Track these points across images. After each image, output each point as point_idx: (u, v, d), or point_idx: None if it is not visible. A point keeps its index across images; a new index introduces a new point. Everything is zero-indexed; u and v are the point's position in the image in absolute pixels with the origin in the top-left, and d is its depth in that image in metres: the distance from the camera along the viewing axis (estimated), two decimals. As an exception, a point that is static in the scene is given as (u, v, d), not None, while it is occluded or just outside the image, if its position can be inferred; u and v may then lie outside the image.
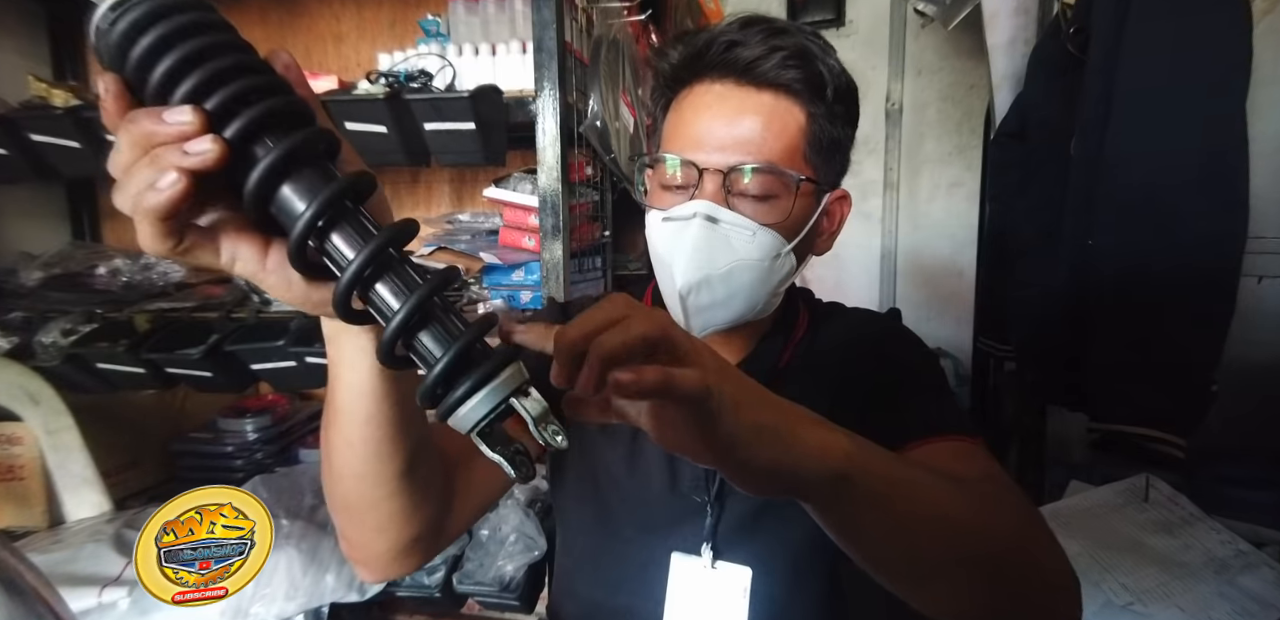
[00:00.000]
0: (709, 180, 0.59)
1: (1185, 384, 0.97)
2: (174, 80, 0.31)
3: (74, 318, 1.37)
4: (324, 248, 0.34)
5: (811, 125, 0.61)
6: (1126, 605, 0.85)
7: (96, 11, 0.30)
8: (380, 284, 0.33)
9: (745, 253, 0.59)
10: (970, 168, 2.01)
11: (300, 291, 0.37)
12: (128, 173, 0.32)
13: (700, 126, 0.60)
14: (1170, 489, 1.03)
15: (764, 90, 0.59)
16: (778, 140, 0.59)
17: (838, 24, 2.11)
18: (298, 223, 0.32)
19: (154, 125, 0.31)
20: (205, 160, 0.30)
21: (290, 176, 0.33)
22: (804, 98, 0.60)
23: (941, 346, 2.07)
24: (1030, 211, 1.30)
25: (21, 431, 1.18)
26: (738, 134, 0.59)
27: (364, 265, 0.32)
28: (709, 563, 0.65)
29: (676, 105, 0.64)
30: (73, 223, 1.67)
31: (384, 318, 0.33)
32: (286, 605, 1.00)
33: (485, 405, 0.32)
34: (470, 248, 1.39)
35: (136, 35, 0.30)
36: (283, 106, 0.33)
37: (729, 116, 0.59)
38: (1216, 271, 0.95)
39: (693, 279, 0.59)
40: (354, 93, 1.16)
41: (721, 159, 0.59)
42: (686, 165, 0.60)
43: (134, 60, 0.30)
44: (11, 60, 1.53)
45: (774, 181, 0.59)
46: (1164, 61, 0.96)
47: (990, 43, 1.42)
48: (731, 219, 0.59)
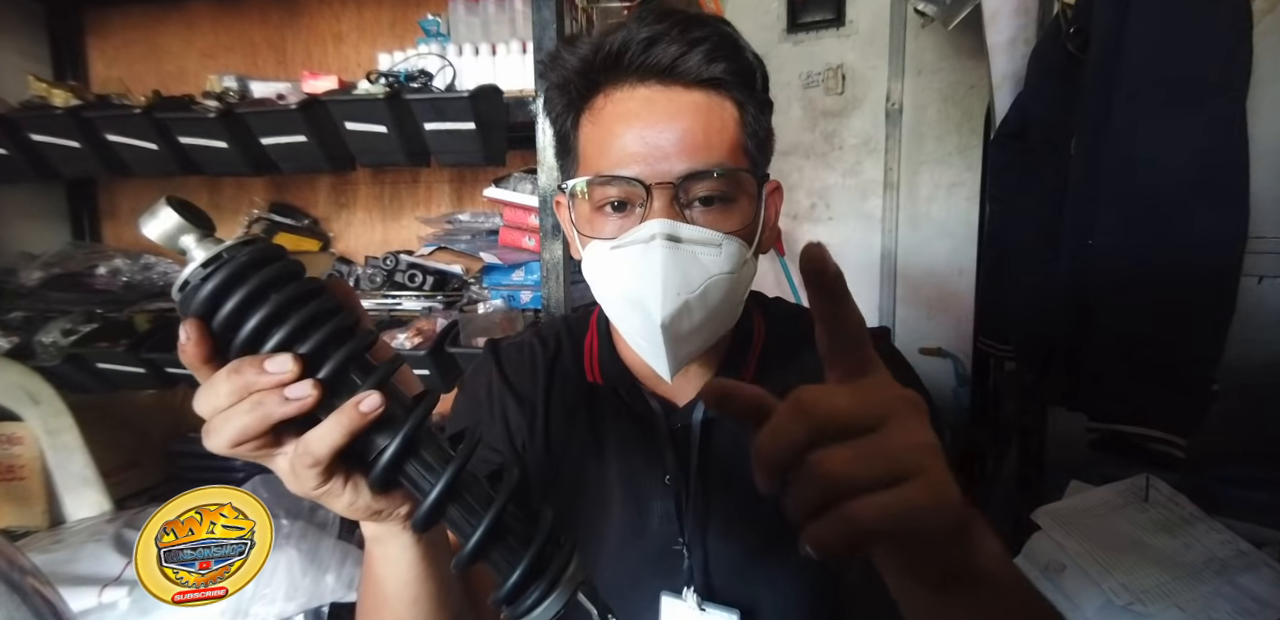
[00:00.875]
0: (658, 196, 0.53)
1: (1185, 384, 0.97)
2: (264, 333, 0.34)
3: (74, 318, 1.37)
4: (405, 471, 0.36)
5: (745, 118, 0.56)
6: (1126, 605, 0.85)
7: (187, 268, 0.33)
8: (456, 505, 0.36)
9: (716, 267, 0.54)
10: (970, 168, 2.01)
11: (363, 505, 0.39)
12: (224, 417, 0.34)
13: (632, 137, 0.53)
14: (1170, 489, 1.03)
15: (693, 88, 0.54)
16: (721, 140, 0.54)
17: (838, 24, 2.11)
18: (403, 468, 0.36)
19: (256, 375, 0.33)
20: (304, 405, 0.34)
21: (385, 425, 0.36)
22: (736, 90, 0.55)
23: (942, 346, 2.07)
24: (1030, 211, 1.30)
25: (21, 431, 1.18)
26: (679, 140, 0.53)
27: (446, 490, 0.35)
28: (695, 605, 0.63)
29: (592, 117, 0.57)
30: (73, 223, 1.67)
31: (461, 533, 0.36)
32: (286, 605, 1.00)
33: (555, 605, 0.35)
34: (470, 248, 1.39)
35: (227, 292, 0.33)
36: (360, 346, 0.36)
37: (664, 122, 0.53)
38: (1216, 271, 0.95)
39: (672, 308, 0.52)
40: (354, 93, 1.16)
41: (668, 169, 0.53)
42: (628, 183, 0.53)
43: (224, 314, 0.33)
44: (11, 60, 1.53)
45: (728, 185, 0.55)
46: (1164, 61, 0.96)
47: (990, 43, 1.42)
48: (695, 234, 0.53)
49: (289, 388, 0.34)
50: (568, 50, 0.57)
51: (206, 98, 1.26)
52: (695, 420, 0.64)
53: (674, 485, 0.64)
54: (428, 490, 0.35)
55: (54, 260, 1.49)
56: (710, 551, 0.64)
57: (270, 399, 0.34)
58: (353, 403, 0.34)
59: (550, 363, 0.70)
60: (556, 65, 0.58)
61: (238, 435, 0.34)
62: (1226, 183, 0.94)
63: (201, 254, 0.33)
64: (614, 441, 0.67)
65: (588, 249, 0.58)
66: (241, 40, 1.56)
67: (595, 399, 0.68)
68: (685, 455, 0.64)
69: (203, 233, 0.34)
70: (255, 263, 0.33)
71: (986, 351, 1.64)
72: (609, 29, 0.56)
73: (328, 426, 0.34)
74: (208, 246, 0.33)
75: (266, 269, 0.34)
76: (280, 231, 1.55)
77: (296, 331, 0.34)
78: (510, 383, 0.69)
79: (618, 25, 0.56)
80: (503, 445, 0.68)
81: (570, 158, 0.60)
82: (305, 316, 0.34)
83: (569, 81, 0.57)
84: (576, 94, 0.57)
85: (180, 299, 0.34)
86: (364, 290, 1.43)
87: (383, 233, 1.58)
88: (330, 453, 0.35)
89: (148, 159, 1.31)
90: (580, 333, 0.72)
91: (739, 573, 0.64)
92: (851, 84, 2.13)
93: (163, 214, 0.33)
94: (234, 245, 0.34)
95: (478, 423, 0.69)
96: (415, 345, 1.23)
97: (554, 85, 0.59)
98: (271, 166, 1.28)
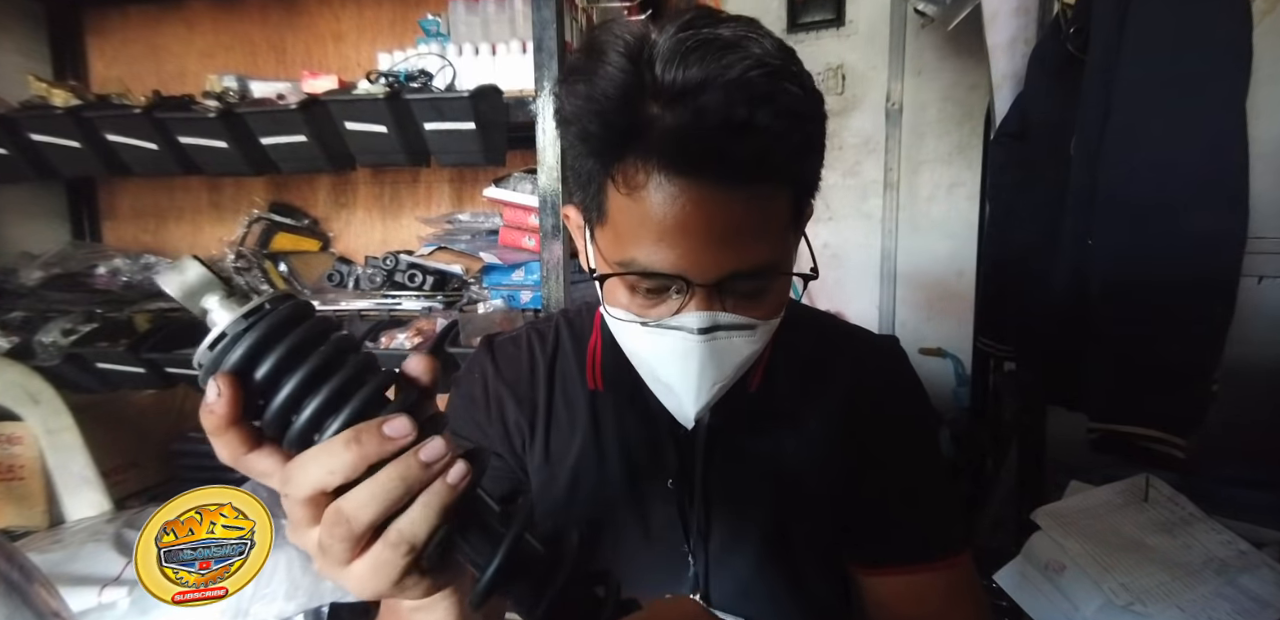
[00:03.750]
0: (700, 292, 0.49)
1: (1185, 384, 0.97)
2: (312, 388, 0.31)
3: (74, 318, 1.37)
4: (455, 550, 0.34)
5: (798, 192, 0.51)
6: (1126, 605, 0.85)
7: (217, 326, 0.31)
8: (518, 583, 0.34)
9: (749, 348, 0.53)
10: (970, 168, 2.01)
11: (429, 584, 0.35)
12: (368, 493, 0.31)
13: (677, 235, 0.46)
14: (1170, 489, 1.03)
15: (754, 181, 0.46)
16: (771, 235, 0.49)
17: (838, 24, 2.11)
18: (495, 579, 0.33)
19: (380, 444, 0.31)
20: (447, 468, 0.32)
21: None
22: (793, 171, 0.48)
23: (942, 346, 2.07)
24: (1030, 211, 1.29)
25: (21, 431, 1.18)
26: (727, 240, 0.47)
27: (502, 568, 0.33)
28: None
29: (626, 183, 0.47)
30: (73, 223, 1.67)
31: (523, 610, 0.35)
32: (286, 605, 1.00)
33: None
34: (470, 248, 1.39)
35: (270, 344, 0.31)
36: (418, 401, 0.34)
37: (712, 223, 0.46)
38: (1217, 271, 0.95)
39: (706, 398, 0.53)
40: (354, 93, 1.16)
41: (713, 266, 0.47)
42: (670, 279, 0.49)
43: (267, 369, 0.31)
44: (11, 60, 1.53)
45: (771, 279, 0.51)
46: (1164, 61, 0.96)
47: (990, 43, 1.42)
48: (733, 321, 0.50)
49: (422, 452, 0.31)
50: (594, 101, 0.45)
51: (206, 98, 1.26)
52: (702, 425, 0.64)
53: (677, 490, 0.64)
54: (485, 567, 0.33)
55: (54, 260, 1.49)
56: (713, 559, 0.64)
57: (412, 468, 0.31)
58: (440, 477, 0.32)
59: (550, 359, 0.69)
60: (581, 116, 0.47)
61: (384, 512, 0.31)
62: (1226, 183, 0.94)
63: (227, 314, 0.31)
64: (616, 444, 0.66)
65: (612, 310, 0.54)
66: (241, 40, 1.56)
67: (598, 399, 0.67)
68: (689, 461, 0.64)
69: (228, 292, 0.32)
70: (298, 316, 0.32)
71: (986, 351, 1.64)
72: (621, 13, 0.48)
73: (422, 510, 0.31)
74: (232, 307, 0.31)
75: (310, 320, 0.32)
76: (280, 231, 1.55)
77: (347, 386, 0.31)
78: (507, 381, 0.68)
79: (667, 52, 0.44)
80: (502, 447, 0.67)
81: (591, 199, 0.52)
82: (355, 369, 0.32)
83: (591, 136, 0.47)
84: (605, 149, 0.47)
85: (213, 355, 0.31)
86: (364, 290, 1.43)
87: (383, 233, 1.58)
88: (430, 537, 0.31)
89: (148, 159, 1.31)
90: (583, 331, 0.70)
91: (743, 581, 0.64)
92: (851, 84, 2.13)
93: (190, 268, 0.31)
94: (274, 298, 0.32)
95: (475, 438, 0.67)
96: (415, 345, 1.23)
97: (575, 135, 0.49)
98: (271, 166, 1.28)
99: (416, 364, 0.34)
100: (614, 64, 0.45)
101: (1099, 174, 1.02)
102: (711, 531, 0.64)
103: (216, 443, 0.31)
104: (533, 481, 0.67)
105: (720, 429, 0.64)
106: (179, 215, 1.66)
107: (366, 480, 0.31)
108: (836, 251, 2.19)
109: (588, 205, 0.52)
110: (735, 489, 0.64)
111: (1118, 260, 1.00)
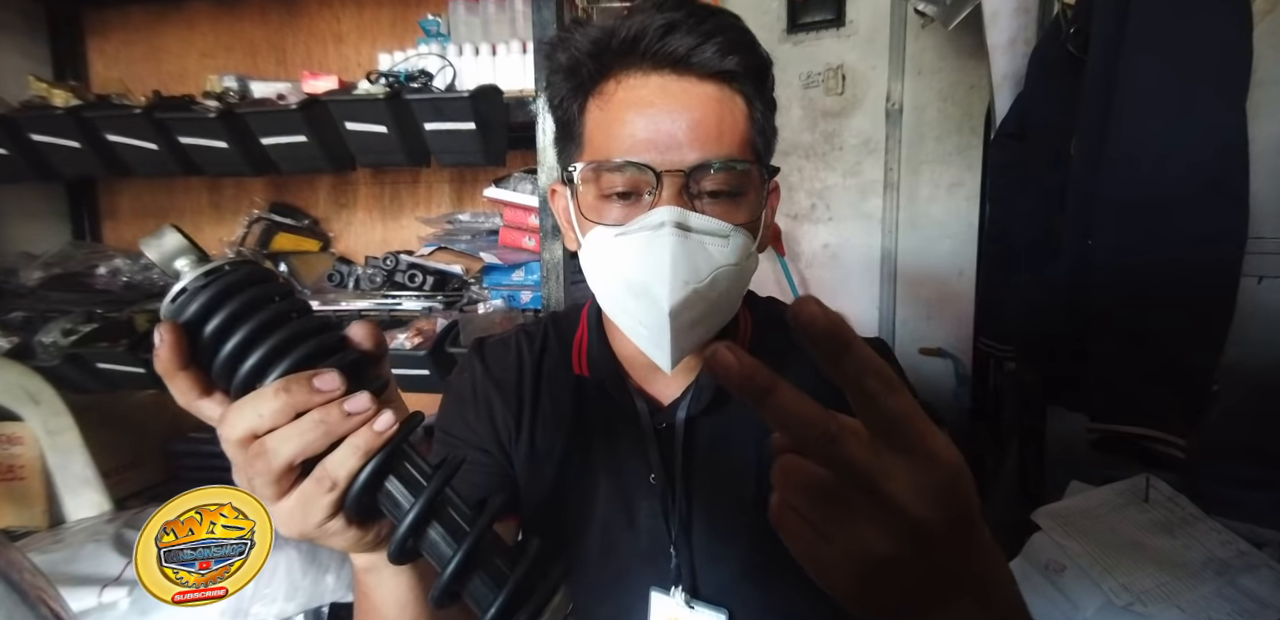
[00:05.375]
0: (668, 184, 0.52)
1: (1185, 384, 0.97)
2: (257, 340, 0.34)
3: (74, 318, 1.37)
4: (377, 497, 0.36)
5: (754, 113, 0.56)
6: (1127, 605, 0.85)
7: (180, 281, 0.34)
8: (431, 529, 0.35)
9: (723, 258, 0.54)
10: (970, 168, 2.01)
11: (353, 536, 0.38)
12: (281, 436, 0.34)
13: (644, 124, 0.53)
14: (1170, 489, 1.03)
15: (706, 80, 0.54)
16: (732, 133, 0.54)
17: (838, 24, 2.10)
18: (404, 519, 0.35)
19: (309, 394, 0.33)
20: (366, 418, 0.34)
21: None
22: (747, 85, 0.55)
23: (941, 347, 2.07)
24: (1030, 211, 1.30)
25: (21, 431, 1.18)
26: (691, 129, 0.52)
27: (421, 515, 0.34)
28: (683, 603, 0.62)
29: (601, 102, 0.56)
30: (73, 223, 1.67)
31: (438, 562, 0.35)
32: (286, 605, 1.00)
33: None
34: (470, 248, 1.39)
35: (224, 300, 0.34)
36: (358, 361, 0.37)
37: (677, 110, 0.53)
38: (1216, 271, 0.95)
39: (680, 296, 0.52)
40: (354, 93, 1.16)
41: (679, 158, 0.52)
42: (639, 169, 0.52)
43: (218, 322, 0.34)
44: (11, 60, 1.53)
45: (738, 177, 0.54)
46: (1164, 61, 0.96)
47: (990, 43, 1.42)
48: (704, 224, 0.53)
49: (348, 403, 0.34)
50: (580, 32, 0.56)
51: (206, 98, 1.26)
52: (679, 420, 0.64)
53: (659, 485, 0.64)
54: (400, 516, 0.35)
55: (54, 260, 1.49)
56: (696, 551, 0.64)
57: (332, 415, 0.34)
58: (367, 424, 0.34)
59: (537, 358, 0.70)
60: (566, 46, 0.56)
61: (300, 452, 0.34)
62: (1226, 183, 0.94)
63: (192, 274, 0.34)
64: (600, 438, 0.67)
65: (589, 236, 0.57)
66: (241, 40, 1.56)
67: (582, 395, 0.68)
68: (670, 455, 0.64)
69: (200, 258, 0.35)
70: (255, 278, 0.35)
71: (986, 351, 1.64)
72: (622, 13, 0.55)
73: (346, 450, 0.34)
74: (199, 268, 0.35)
75: (265, 284, 0.35)
76: (280, 231, 1.55)
77: (289, 342, 0.34)
78: (495, 379, 0.69)
79: (632, 9, 0.55)
80: (490, 443, 0.67)
81: (573, 144, 0.59)
82: (301, 328, 0.35)
83: (579, 63, 0.56)
84: (586, 77, 0.56)
85: (173, 308, 0.34)
86: (364, 290, 1.43)
87: (383, 233, 1.58)
88: (350, 477, 0.34)
89: (148, 159, 1.31)
90: (569, 328, 0.72)
91: (728, 573, 0.64)
92: (851, 84, 2.13)
93: (167, 235, 0.34)
94: (234, 262, 0.35)
95: (464, 435, 0.68)
96: (415, 345, 1.23)
97: (561, 67, 0.57)
98: (271, 166, 1.28)
99: (358, 330, 0.38)
100: (598, 23, 0.55)
101: (1099, 174, 1.02)
102: (694, 524, 0.64)
103: (170, 386, 0.35)
104: (520, 476, 0.68)
105: (698, 420, 0.64)
106: (179, 215, 1.66)
107: (291, 422, 0.34)
108: (836, 251, 2.19)
109: (567, 153, 0.60)
110: (716, 482, 0.64)
111: (1117, 259, 1.00)
